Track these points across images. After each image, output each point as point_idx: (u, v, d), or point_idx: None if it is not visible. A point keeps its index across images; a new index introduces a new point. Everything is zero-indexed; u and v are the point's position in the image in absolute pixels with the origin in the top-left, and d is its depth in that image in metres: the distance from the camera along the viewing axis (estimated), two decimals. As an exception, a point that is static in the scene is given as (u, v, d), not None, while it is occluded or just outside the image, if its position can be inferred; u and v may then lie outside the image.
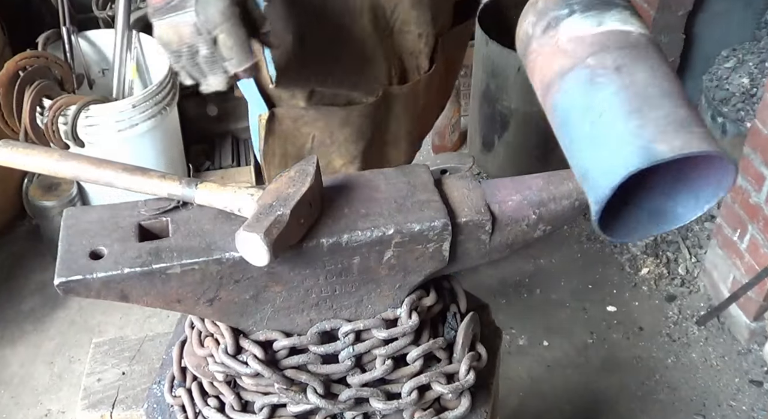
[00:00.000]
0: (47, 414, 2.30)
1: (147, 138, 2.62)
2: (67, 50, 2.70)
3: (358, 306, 1.11)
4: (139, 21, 2.85)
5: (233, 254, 0.98)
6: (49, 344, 2.48)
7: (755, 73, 2.72)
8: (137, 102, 2.53)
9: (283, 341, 1.09)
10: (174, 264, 0.97)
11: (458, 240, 1.08)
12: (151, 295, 0.99)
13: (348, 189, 1.09)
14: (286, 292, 1.06)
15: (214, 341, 1.12)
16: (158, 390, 1.26)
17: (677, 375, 2.42)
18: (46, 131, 2.45)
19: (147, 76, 2.85)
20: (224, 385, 1.14)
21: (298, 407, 1.13)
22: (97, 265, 0.97)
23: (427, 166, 1.15)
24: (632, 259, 2.77)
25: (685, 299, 2.65)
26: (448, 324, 1.19)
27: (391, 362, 1.12)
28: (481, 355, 1.20)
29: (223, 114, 3.08)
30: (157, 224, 1.04)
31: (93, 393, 1.49)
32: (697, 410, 2.32)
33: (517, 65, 2.76)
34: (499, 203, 1.10)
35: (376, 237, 1.03)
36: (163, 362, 1.32)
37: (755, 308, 2.40)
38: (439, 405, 1.19)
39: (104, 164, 1.03)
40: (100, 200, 2.72)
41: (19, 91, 2.42)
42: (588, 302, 2.64)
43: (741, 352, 2.47)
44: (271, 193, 0.99)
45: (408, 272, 1.08)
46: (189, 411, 1.17)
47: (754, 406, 2.33)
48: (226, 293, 1.03)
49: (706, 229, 2.81)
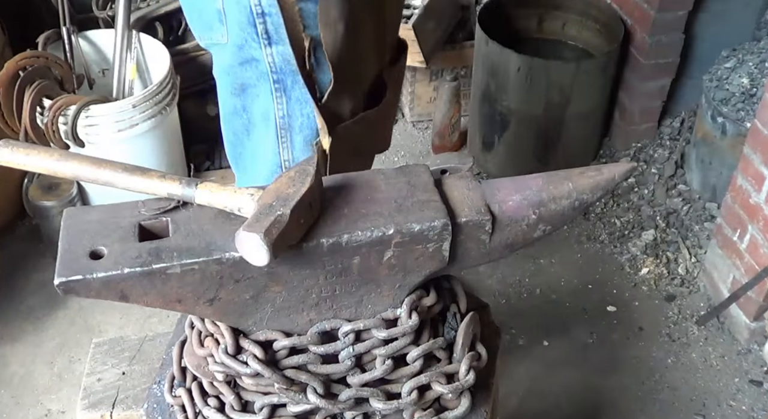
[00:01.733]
0: (47, 414, 2.30)
1: (147, 138, 2.63)
2: (67, 50, 2.70)
3: (358, 306, 1.11)
4: (139, 21, 2.85)
5: (233, 254, 0.98)
6: (49, 344, 2.49)
7: (755, 73, 2.72)
8: (137, 102, 2.53)
9: (283, 341, 1.09)
10: (174, 264, 0.97)
11: (458, 240, 1.08)
12: (151, 295, 0.99)
13: (348, 189, 1.09)
14: (286, 292, 1.06)
15: (214, 341, 1.12)
16: (158, 390, 1.26)
17: (677, 375, 2.42)
18: (46, 131, 2.45)
19: (147, 76, 2.85)
20: (224, 385, 1.14)
21: (298, 407, 1.13)
22: (97, 265, 0.97)
23: (427, 166, 1.15)
24: (632, 259, 2.77)
25: (685, 299, 2.65)
26: (448, 324, 1.19)
27: (391, 362, 1.12)
28: (481, 355, 1.20)
29: (223, 114, 3.08)
30: (157, 224, 1.04)
31: (93, 393, 1.49)
32: (697, 410, 2.32)
33: (517, 65, 2.76)
34: (499, 203, 1.10)
35: (376, 237, 1.03)
36: (163, 362, 1.32)
37: (755, 309, 2.40)
38: (439, 405, 1.19)
39: (104, 164, 1.03)
40: (100, 200, 2.72)
41: (19, 91, 2.43)
42: (588, 303, 2.64)
43: (741, 352, 2.47)
44: (271, 193, 0.99)
45: (408, 272, 1.08)
46: (189, 411, 1.17)
47: (754, 406, 2.33)
48: (226, 293, 1.03)
49: (706, 229, 2.81)
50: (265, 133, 1.50)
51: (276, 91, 1.44)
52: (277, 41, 1.37)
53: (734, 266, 2.48)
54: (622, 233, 2.85)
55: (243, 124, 1.52)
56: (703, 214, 2.87)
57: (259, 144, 1.53)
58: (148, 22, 2.89)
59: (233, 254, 0.98)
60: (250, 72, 1.43)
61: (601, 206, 2.94)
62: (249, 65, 1.42)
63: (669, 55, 2.96)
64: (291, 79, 1.41)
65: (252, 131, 1.52)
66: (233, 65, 1.44)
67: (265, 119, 1.48)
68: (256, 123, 1.50)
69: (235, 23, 1.37)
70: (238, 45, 1.40)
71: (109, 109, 2.51)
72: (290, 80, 1.41)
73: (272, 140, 1.50)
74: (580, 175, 1.14)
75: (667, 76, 3.03)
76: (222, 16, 1.38)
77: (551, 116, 2.90)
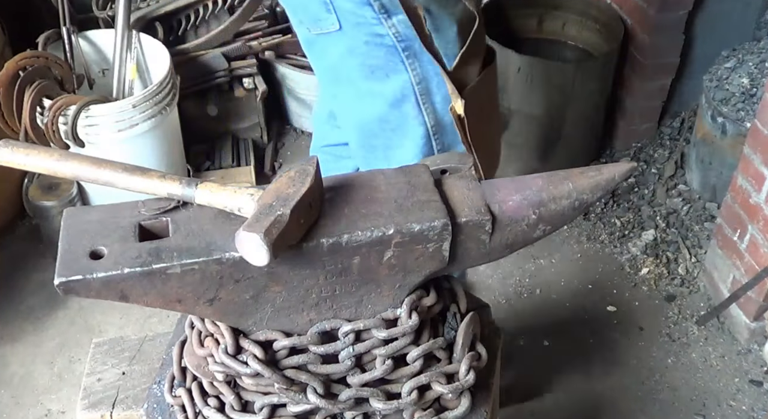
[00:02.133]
0: (47, 414, 2.30)
1: (147, 138, 2.62)
2: (67, 50, 2.70)
3: (358, 306, 1.11)
4: (139, 21, 2.85)
5: (233, 254, 0.98)
6: (49, 344, 2.48)
7: (755, 73, 2.72)
8: (137, 102, 2.53)
9: (283, 341, 1.09)
10: (174, 264, 0.97)
11: (458, 240, 1.08)
12: (151, 295, 1.00)
13: (348, 189, 1.09)
14: (286, 292, 1.06)
15: (214, 341, 1.12)
16: (158, 390, 1.26)
17: (677, 375, 2.42)
18: (46, 131, 2.45)
19: (147, 76, 2.85)
20: (224, 385, 1.14)
21: (298, 407, 1.13)
22: (97, 265, 0.97)
23: (427, 166, 1.15)
24: (632, 259, 2.77)
25: (685, 299, 2.65)
26: (448, 323, 1.19)
27: (391, 362, 1.12)
28: (481, 355, 1.20)
29: (223, 114, 3.09)
30: (157, 224, 1.04)
31: (93, 393, 1.49)
32: (697, 410, 2.32)
33: (517, 65, 2.76)
34: (499, 203, 1.10)
35: (376, 237, 1.03)
36: (163, 362, 1.32)
37: (755, 308, 2.40)
38: (439, 405, 1.19)
39: (104, 164, 1.03)
40: (100, 200, 2.72)
41: (19, 91, 2.42)
42: (588, 302, 2.64)
43: (741, 352, 2.47)
44: (271, 193, 0.99)
45: (408, 272, 1.08)
46: (189, 411, 1.17)
47: (754, 406, 2.33)
48: (226, 293, 1.03)
49: (706, 229, 2.81)
50: (405, 107, 1.54)
51: (407, 58, 1.48)
52: (394, 12, 1.43)
53: (734, 266, 2.48)
54: (622, 233, 2.85)
55: (375, 108, 1.56)
56: (703, 214, 2.87)
57: (402, 122, 1.57)
58: (148, 22, 2.89)
59: (233, 254, 0.98)
60: (376, 50, 1.48)
61: (601, 206, 2.94)
62: (374, 43, 1.47)
63: (669, 55, 2.96)
64: (418, 43, 1.46)
65: (390, 112, 1.55)
66: (355, 48, 1.48)
67: (402, 94, 1.52)
68: (392, 103, 1.54)
69: (346, 6, 1.43)
70: (356, 26, 1.45)
71: (109, 109, 2.51)
72: (417, 44, 1.46)
73: (414, 112, 1.54)
74: (580, 175, 1.14)
75: (667, 76, 3.03)
76: (328, 6, 1.44)
77: (551, 115, 2.90)
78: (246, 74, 3.03)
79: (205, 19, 2.99)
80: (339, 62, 1.55)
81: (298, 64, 3.17)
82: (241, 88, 3.06)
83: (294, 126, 3.40)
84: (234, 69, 3.00)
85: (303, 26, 1.56)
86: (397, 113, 1.55)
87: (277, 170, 3.16)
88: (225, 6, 3.00)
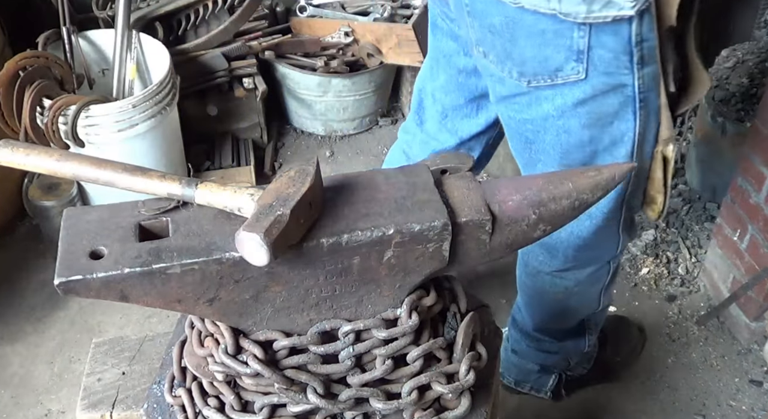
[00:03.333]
0: (47, 414, 2.30)
1: (147, 138, 2.63)
2: (67, 50, 2.70)
3: (358, 306, 1.11)
4: (139, 21, 2.85)
5: (233, 254, 0.98)
6: (49, 344, 2.48)
7: (755, 73, 2.72)
8: (137, 102, 2.53)
9: (283, 341, 1.09)
10: (174, 264, 0.97)
11: (458, 240, 1.08)
12: (151, 295, 1.00)
13: (348, 189, 1.09)
14: (286, 292, 1.06)
15: (214, 341, 1.12)
16: (158, 390, 1.26)
17: (677, 374, 2.42)
18: (46, 131, 2.45)
19: (147, 76, 2.85)
20: (224, 385, 1.14)
21: (298, 407, 1.13)
22: (97, 265, 0.97)
23: (427, 166, 1.15)
24: (632, 259, 2.77)
25: (685, 299, 2.64)
26: (448, 323, 1.19)
27: (391, 362, 1.12)
28: (481, 355, 1.20)
29: (223, 114, 3.09)
30: (157, 224, 1.04)
31: (93, 393, 1.49)
32: (697, 410, 2.32)
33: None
34: (499, 203, 1.10)
35: (376, 237, 1.03)
36: (163, 362, 1.32)
37: (755, 309, 2.40)
38: (439, 405, 1.19)
39: (104, 164, 1.03)
40: (100, 200, 2.72)
41: (19, 91, 2.43)
42: (588, 302, 2.64)
43: (741, 352, 2.47)
44: (271, 193, 0.99)
45: (408, 272, 1.08)
46: (189, 411, 1.17)
47: (754, 406, 2.33)
48: (226, 293, 1.03)
49: (706, 229, 2.81)
50: (618, 152, 1.55)
51: (641, 109, 1.49)
52: (649, 63, 1.43)
53: (734, 266, 2.48)
54: (622, 233, 2.85)
55: (583, 156, 1.57)
56: (703, 214, 2.87)
57: None
58: (148, 22, 2.89)
59: (233, 254, 0.98)
60: (612, 99, 1.47)
61: (601, 206, 2.94)
62: (613, 92, 1.47)
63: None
64: (653, 94, 1.48)
65: (600, 155, 1.57)
66: (590, 98, 1.47)
67: (616, 142, 1.54)
68: (600, 151, 1.56)
69: (605, 56, 1.41)
70: (603, 75, 1.44)
71: (109, 109, 2.51)
72: (653, 95, 1.48)
73: (627, 158, 1.55)
74: (580, 175, 1.14)
75: (667, 76, 3.03)
76: (581, 55, 1.41)
77: (551, 115, 2.89)
78: (246, 74, 3.03)
79: (205, 19, 2.99)
80: (554, 112, 1.52)
81: (298, 64, 3.17)
82: (241, 88, 3.06)
83: (294, 126, 3.40)
84: (234, 69, 3.00)
85: (513, 79, 1.50)
86: (609, 157, 1.56)
87: (277, 170, 3.16)
88: (225, 6, 3.00)
